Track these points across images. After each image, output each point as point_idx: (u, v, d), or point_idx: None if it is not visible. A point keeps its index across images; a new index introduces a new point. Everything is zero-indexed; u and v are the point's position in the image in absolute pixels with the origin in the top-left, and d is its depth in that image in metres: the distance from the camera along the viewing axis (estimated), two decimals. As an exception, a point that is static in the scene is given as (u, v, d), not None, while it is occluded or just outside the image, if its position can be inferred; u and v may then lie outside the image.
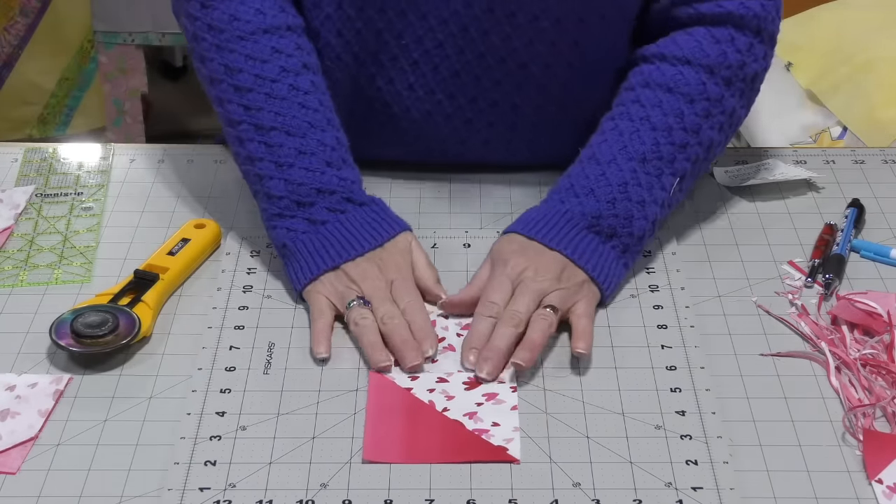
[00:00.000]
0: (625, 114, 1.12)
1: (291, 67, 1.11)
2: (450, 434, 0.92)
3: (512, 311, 1.00)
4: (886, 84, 1.81)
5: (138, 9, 2.41)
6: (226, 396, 0.96)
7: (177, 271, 1.08)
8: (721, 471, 0.88)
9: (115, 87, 2.49)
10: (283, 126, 1.09)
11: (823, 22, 1.98)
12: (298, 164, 1.08)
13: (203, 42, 1.13)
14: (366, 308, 1.02)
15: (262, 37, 1.11)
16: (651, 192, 1.09)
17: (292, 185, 1.08)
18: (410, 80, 1.17)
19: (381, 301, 1.03)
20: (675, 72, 1.12)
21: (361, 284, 1.04)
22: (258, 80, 1.10)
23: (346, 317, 1.02)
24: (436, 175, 1.25)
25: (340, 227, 1.07)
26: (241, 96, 1.10)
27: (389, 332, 1.00)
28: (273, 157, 1.09)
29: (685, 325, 1.03)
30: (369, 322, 1.01)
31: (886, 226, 1.18)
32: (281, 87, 1.10)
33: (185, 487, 0.87)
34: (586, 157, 1.11)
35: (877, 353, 1.00)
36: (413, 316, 1.02)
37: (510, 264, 1.04)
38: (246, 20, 1.11)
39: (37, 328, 1.03)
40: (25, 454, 0.91)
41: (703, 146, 1.12)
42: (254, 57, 1.11)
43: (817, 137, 1.83)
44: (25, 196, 1.22)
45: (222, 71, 1.11)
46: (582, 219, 1.07)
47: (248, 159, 1.10)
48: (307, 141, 1.09)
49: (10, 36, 2.39)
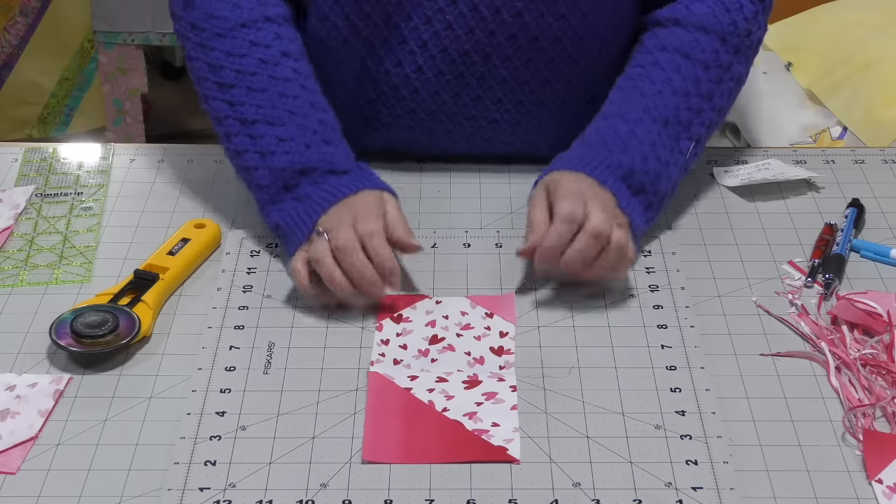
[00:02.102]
0: (644, 75, 1.15)
1: (269, 58, 1.13)
2: (449, 434, 0.92)
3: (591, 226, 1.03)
4: (886, 84, 1.81)
5: (138, 9, 2.41)
6: (226, 396, 0.96)
7: (177, 271, 1.08)
8: (721, 471, 0.88)
9: (115, 87, 2.49)
10: (264, 118, 1.12)
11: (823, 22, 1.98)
12: (280, 151, 1.11)
13: (188, 42, 1.16)
14: (322, 239, 1.04)
15: (240, 31, 1.14)
16: (673, 154, 1.12)
17: (276, 172, 1.10)
18: (419, 61, 1.18)
19: (339, 231, 1.04)
20: (691, 38, 1.15)
21: (332, 233, 1.04)
22: (238, 76, 1.13)
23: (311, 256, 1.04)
24: (436, 174, 1.25)
25: (322, 193, 1.09)
26: (225, 92, 1.13)
27: (347, 268, 1.02)
28: (257, 148, 1.12)
29: (685, 325, 1.03)
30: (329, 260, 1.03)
31: (886, 226, 1.18)
32: (260, 80, 1.13)
33: (185, 487, 0.87)
34: (612, 113, 1.14)
35: (877, 353, 1.00)
36: (376, 247, 1.03)
37: (571, 193, 1.05)
38: (223, 17, 1.14)
39: (37, 328, 1.03)
40: (25, 454, 0.91)
41: (715, 111, 1.16)
42: (233, 53, 1.13)
43: (817, 137, 1.82)
44: (25, 196, 1.22)
45: (206, 69, 1.14)
46: (618, 169, 1.09)
47: (235, 153, 1.14)
48: (287, 129, 1.11)
49: (10, 36, 2.39)
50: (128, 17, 2.42)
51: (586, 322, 1.04)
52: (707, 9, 1.16)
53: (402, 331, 1.03)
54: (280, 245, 1.12)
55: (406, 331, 1.03)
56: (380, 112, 1.23)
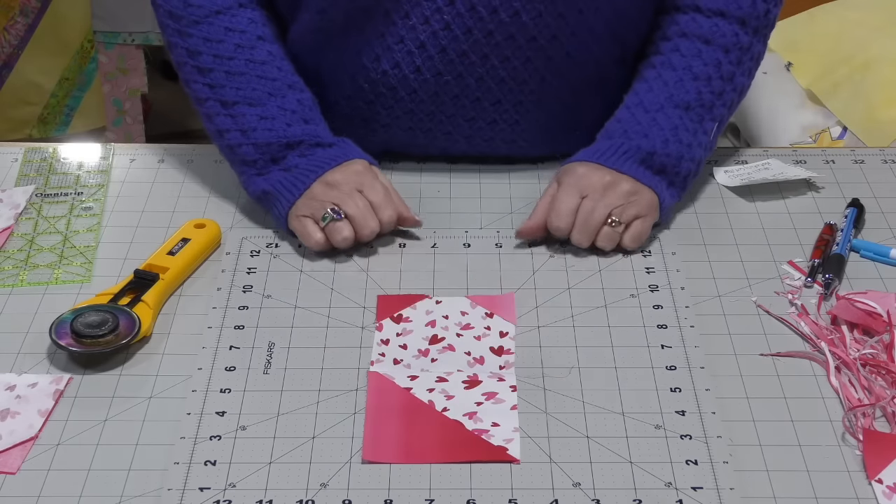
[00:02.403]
0: (666, 63, 1.18)
1: (246, 43, 1.18)
2: (449, 434, 0.92)
3: (585, 217, 1.11)
4: (886, 84, 1.81)
5: (138, 9, 2.40)
6: (226, 396, 0.96)
7: (177, 271, 1.08)
8: (721, 471, 0.88)
9: (115, 87, 2.49)
10: (244, 99, 1.16)
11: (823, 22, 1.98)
12: (261, 128, 1.16)
13: (167, 29, 1.20)
14: (340, 220, 1.11)
15: (216, 18, 1.18)
16: (696, 136, 1.16)
17: (261, 147, 1.15)
18: (417, 62, 1.18)
19: (348, 196, 1.12)
20: (710, 24, 1.17)
21: (332, 193, 1.12)
22: (216, 60, 1.17)
23: (327, 234, 1.12)
24: (436, 174, 1.25)
25: (311, 163, 1.15)
26: (204, 76, 1.17)
27: (360, 226, 1.11)
28: (238, 126, 1.16)
29: (685, 325, 1.03)
30: (348, 232, 1.11)
31: (886, 226, 1.18)
32: (238, 64, 1.17)
33: (185, 487, 0.87)
34: (633, 103, 1.18)
35: (876, 353, 1.00)
36: (380, 203, 1.13)
37: (582, 181, 1.13)
38: (198, 5, 1.18)
39: (37, 328, 1.03)
40: (25, 454, 0.91)
41: (736, 91, 1.19)
42: (210, 38, 1.17)
43: (817, 137, 1.82)
44: (25, 196, 1.22)
45: (185, 54, 1.18)
46: (637, 152, 1.14)
47: (217, 133, 1.18)
48: (267, 108, 1.16)
49: (10, 36, 2.39)
50: (128, 17, 2.42)
51: (586, 322, 1.04)
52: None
53: (402, 331, 1.03)
54: (267, 211, 1.17)
55: (406, 331, 1.03)
56: (378, 114, 1.23)
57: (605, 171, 1.14)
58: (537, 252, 1.13)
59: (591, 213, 1.12)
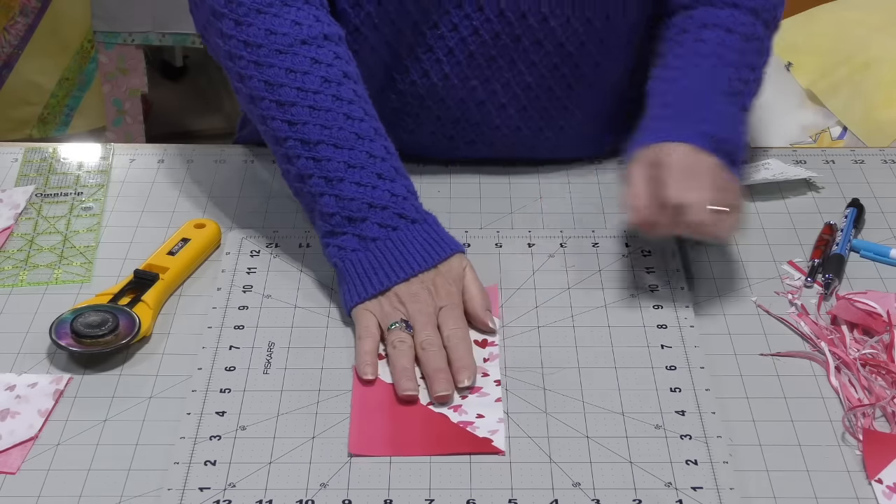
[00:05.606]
0: (694, 52, 1.15)
1: (333, 77, 1.07)
2: (435, 426, 0.92)
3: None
4: (886, 84, 1.81)
5: (138, 9, 2.41)
6: (226, 396, 0.96)
7: (177, 271, 1.08)
8: (721, 471, 0.88)
9: (115, 87, 2.49)
10: (329, 139, 1.05)
11: (823, 22, 1.98)
12: (348, 179, 1.04)
13: (240, 60, 1.08)
14: (406, 332, 1.00)
15: (301, 48, 1.07)
16: (742, 123, 1.12)
17: (343, 201, 1.04)
18: (445, 69, 1.18)
19: (423, 325, 1.00)
20: (727, 14, 1.16)
21: (409, 307, 1.01)
22: (300, 93, 1.06)
23: (386, 337, 1.00)
24: (436, 174, 1.25)
25: (392, 246, 1.04)
26: (285, 111, 1.06)
27: (426, 359, 0.97)
28: (322, 173, 1.05)
29: (685, 325, 1.03)
30: (406, 347, 0.98)
31: (886, 226, 1.18)
32: (324, 99, 1.06)
33: (185, 487, 0.87)
34: (678, 89, 1.12)
35: (876, 353, 1.00)
36: (455, 343, 0.99)
37: (677, 164, 1.02)
38: (283, 33, 1.08)
39: (37, 328, 1.03)
40: (25, 454, 0.91)
41: (757, 83, 1.17)
42: (294, 69, 1.07)
43: (817, 137, 1.82)
44: (25, 196, 1.22)
45: (263, 87, 1.07)
46: (711, 139, 1.06)
47: (298, 177, 1.07)
48: (355, 153, 1.05)
49: (10, 36, 2.39)
50: (128, 17, 2.42)
51: (586, 322, 1.04)
52: None
53: None
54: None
55: None
56: (403, 121, 1.22)
57: (700, 153, 1.05)
58: (537, 252, 1.13)
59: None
